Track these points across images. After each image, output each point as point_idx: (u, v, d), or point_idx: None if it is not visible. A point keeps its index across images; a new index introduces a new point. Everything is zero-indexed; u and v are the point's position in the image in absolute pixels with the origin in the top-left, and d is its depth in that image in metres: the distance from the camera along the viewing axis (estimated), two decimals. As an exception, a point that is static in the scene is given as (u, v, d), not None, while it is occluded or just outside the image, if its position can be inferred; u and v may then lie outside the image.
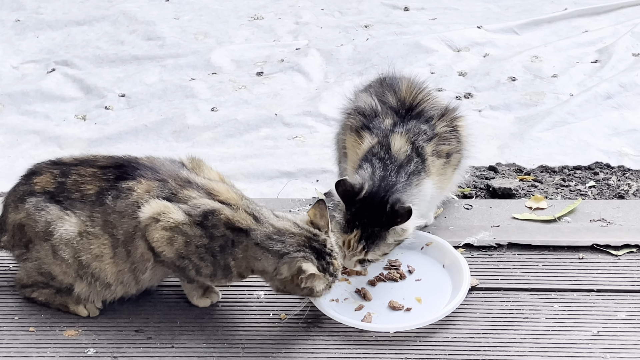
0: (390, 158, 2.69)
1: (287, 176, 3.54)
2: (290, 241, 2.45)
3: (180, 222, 2.45)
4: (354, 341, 2.53)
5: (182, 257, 2.48)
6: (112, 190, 2.50)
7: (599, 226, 2.93)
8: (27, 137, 3.85)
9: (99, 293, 2.57)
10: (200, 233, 2.46)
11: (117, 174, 2.52)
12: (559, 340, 2.52)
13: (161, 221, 2.45)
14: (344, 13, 4.86)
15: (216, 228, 2.46)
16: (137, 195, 2.48)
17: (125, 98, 4.10)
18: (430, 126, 2.79)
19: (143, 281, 2.56)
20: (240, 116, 3.93)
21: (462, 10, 4.84)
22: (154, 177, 2.51)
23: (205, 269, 2.50)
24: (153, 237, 2.46)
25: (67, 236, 2.50)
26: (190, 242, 2.46)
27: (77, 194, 2.52)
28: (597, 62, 4.26)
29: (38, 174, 2.59)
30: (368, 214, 2.60)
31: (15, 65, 4.38)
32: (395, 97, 2.84)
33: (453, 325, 2.57)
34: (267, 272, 2.47)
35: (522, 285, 2.71)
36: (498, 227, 2.93)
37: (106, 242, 2.50)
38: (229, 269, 2.49)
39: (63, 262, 2.52)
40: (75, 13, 4.84)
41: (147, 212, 2.46)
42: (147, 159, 2.58)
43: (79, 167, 2.56)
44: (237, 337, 2.55)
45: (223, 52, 4.44)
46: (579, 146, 3.65)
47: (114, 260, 2.51)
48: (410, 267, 2.76)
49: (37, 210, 2.53)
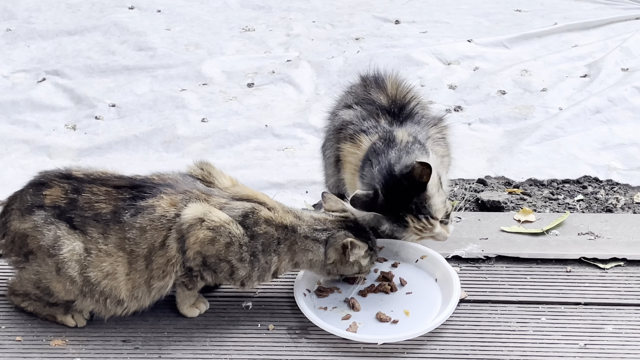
0: (389, 145, 2.70)
1: (276, 187, 3.55)
2: (331, 226, 2.60)
3: (225, 221, 2.50)
4: (342, 352, 2.53)
5: (220, 259, 2.52)
6: (130, 208, 2.50)
7: (587, 239, 2.94)
8: (16, 146, 3.84)
9: (108, 310, 2.56)
10: (242, 232, 2.52)
11: (133, 194, 2.52)
12: (546, 353, 2.52)
13: (206, 221, 2.48)
14: (335, 25, 4.88)
15: (258, 225, 2.53)
16: (162, 210, 2.50)
17: (115, 108, 4.10)
18: (424, 128, 2.81)
19: (156, 291, 2.54)
20: (231, 127, 3.94)
21: (452, 23, 4.86)
22: (176, 191, 2.54)
23: (242, 270, 2.54)
24: (196, 237, 2.48)
25: (75, 253, 2.49)
26: (232, 242, 2.50)
27: (90, 212, 2.51)
28: (587, 76, 4.28)
29: (47, 186, 2.56)
30: (398, 200, 2.60)
31: (6, 74, 4.38)
32: (384, 94, 2.86)
33: (441, 337, 2.57)
34: (316, 262, 2.60)
35: (510, 297, 2.71)
36: (487, 240, 2.94)
37: (119, 260, 2.50)
38: (269, 267, 2.56)
39: (67, 280, 2.50)
40: (67, 23, 4.85)
41: (190, 214, 2.49)
42: (158, 177, 2.59)
43: (92, 185, 2.55)
44: (225, 347, 2.55)
45: (214, 63, 4.44)
46: (567, 160, 3.66)
47: (129, 277, 2.51)
48: (402, 280, 2.76)
49: (46, 224, 2.51)
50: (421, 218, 2.62)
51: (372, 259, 2.67)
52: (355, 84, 3.01)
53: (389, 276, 2.76)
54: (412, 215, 2.62)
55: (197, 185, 2.59)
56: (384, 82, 2.90)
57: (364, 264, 2.64)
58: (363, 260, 2.63)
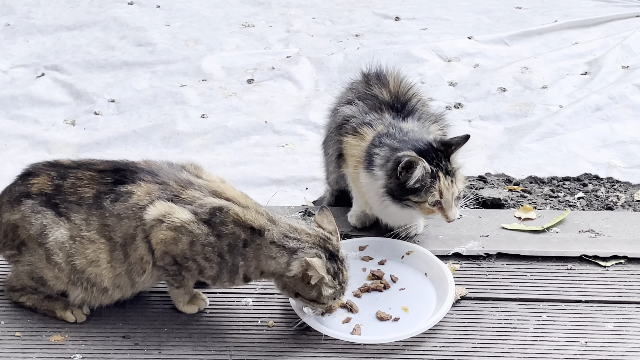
0: (400, 131, 2.74)
1: (276, 184, 3.54)
2: (306, 239, 2.47)
3: (186, 221, 2.45)
4: (342, 349, 2.52)
5: (186, 257, 2.48)
6: (111, 193, 2.50)
7: (587, 237, 2.94)
8: (15, 141, 3.83)
9: (95, 298, 2.56)
10: (207, 231, 2.46)
11: (115, 178, 2.52)
12: (547, 350, 2.52)
13: (166, 222, 2.45)
14: (335, 22, 4.87)
15: (224, 225, 2.46)
16: (137, 198, 2.48)
17: (114, 104, 4.09)
18: (424, 125, 2.82)
19: (139, 284, 2.55)
20: (230, 123, 3.93)
21: (452, 20, 4.85)
22: (154, 180, 2.51)
23: (210, 270, 2.49)
24: (158, 237, 2.45)
25: (61, 240, 2.49)
26: (195, 241, 2.46)
27: (74, 197, 2.51)
28: (587, 74, 4.27)
29: (35, 175, 2.57)
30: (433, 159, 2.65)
31: (5, 69, 4.37)
32: (386, 89, 2.87)
33: (441, 334, 2.57)
34: (277, 272, 2.46)
35: (511, 295, 2.71)
36: (487, 237, 2.93)
37: (102, 247, 2.49)
38: (237, 270, 2.48)
39: (56, 267, 2.51)
40: (66, 18, 4.83)
41: (152, 214, 2.46)
42: (145, 163, 2.58)
43: (77, 170, 2.55)
44: (225, 344, 2.54)
45: (214, 59, 4.43)
46: (568, 157, 3.66)
47: (111, 265, 2.50)
48: (393, 277, 2.75)
49: (33, 213, 2.52)
50: (448, 178, 2.66)
51: (335, 292, 2.47)
52: (356, 80, 3.00)
53: (379, 274, 2.75)
54: (443, 173, 2.65)
55: (179, 174, 2.55)
56: (386, 78, 2.90)
57: (324, 294, 2.45)
58: (325, 290, 2.45)
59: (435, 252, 2.80)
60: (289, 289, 2.49)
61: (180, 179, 2.53)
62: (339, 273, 2.47)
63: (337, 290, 2.48)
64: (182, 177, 2.54)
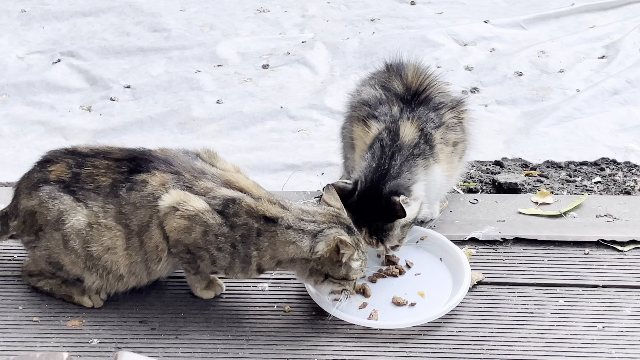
0: (393, 144, 2.68)
1: (292, 169, 3.54)
2: (322, 219, 2.46)
3: (200, 210, 2.45)
4: (358, 334, 2.52)
5: (199, 247, 2.48)
6: (126, 182, 2.51)
7: (605, 222, 2.92)
8: (32, 127, 3.85)
9: (111, 285, 2.57)
10: (220, 221, 2.45)
11: (131, 167, 2.52)
12: (564, 335, 2.51)
13: (180, 210, 2.45)
14: (350, 6, 4.84)
15: (237, 216, 2.45)
16: (152, 188, 2.49)
17: (130, 89, 4.09)
18: (438, 115, 2.79)
19: (155, 272, 2.55)
20: (246, 109, 3.92)
21: (468, 4, 4.82)
22: (168, 170, 2.51)
23: (222, 260, 2.49)
24: (171, 225, 2.46)
25: (79, 227, 2.50)
26: (208, 231, 2.46)
27: (92, 185, 2.52)
28: (604, 57, 4.24)
29: (53, 162, 2.59)
30: (366, 211, 2.59)
31: (21, 55, 4.37)
32: (402, 82, 2.85)
33: (458, 319, 2.56)
34: (299, 256, 2.44)
35: (528, 280, 2.70)
36: (504, 222, 2.92)
37: (119, 234, 2.50)
38: (249, 260, 2.48)
39: (73, 253, 2.52)
40: (81, 4, 4.83)
41: (166, 201, 2.46)
42: (161, 151, 2.58)
43: (94, 159, 2.56)
44: (241, 329, 2.55)
45: (229, 44, 4.43)
46: (585, 142, 3.64)
47: (127, 252, 2.51)
48: (408, 262, 2.75)
49: (51, 199, 2.53)
50: (373, 238, 2.61)
51: (362, 264, 2.50)
52: (379, 70, 2.98)
53: (394, 259, 2.75)
54: (368, 230, 2.61)
55: (194, 163, 2.55)
56: (403, 69, 2.88)
57: (354, 267, 2.47)
58: (354, 263, 2.46)
59: (451, 237, 2.79)
60: (316, 273, 2.47)
61: (194, 168, 2.53)
62: (359, 243, 2.49)
63: (363, 261, 2.50)
64: (196, 166, 2.54)
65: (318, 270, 2.46)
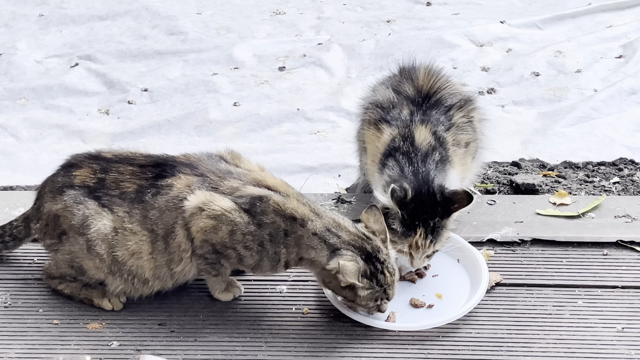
0: (415, 150, 2.68)
1: (309, 171, 3.54)
2: (345, 237, 2.44)
3: (227, 209, 2.46)
4: (377, 337, 2.52)
5: (226, 246, 2.49)
6: (152, 188, 2.52)
7: (623, 222, 2.91)
8: (50, 131, 3.87)
9: (136, 289, 2.58)
10: (247, 220, 2.46)
11: (155, 173, 2.54)
12: (583, 336, 2.50)
13: (206, 210, 2.46)
14: (366, 8, 4.85)
15: (265, 214, 2.46)
16: (177, 190, 2.50)
17: (147, 93, 4.11)
18: (448, 116, 2.79)
19: (177, 274, 2.56)
20: (263, 111, 3.94)
21: (484, 5, 4.82)
22: (193, 173, 2.53)
23: (250, 258, 2.50)
24: (198, 226, 2.47)
25: (104, 231, 2.51)
26: (235, 230, 2.47)
27: (117, 191, 2.54)
28: (622, 57, 4.23)
29: (77, 167, 2.60)
30: (425, 211, 2.57)
31: (39, 59, 4.41)
32: (413, 85, 2.84)
33: (476, 321, 2.56)
34: (317, 261, 2.46)
35: (546, 281, 2.70)
36: (522, 223, 2.92)
37: (144, 239, 2.51)
38: (278, 258, 2.49)
39: (97, 258, 2.54)
40: (98, 8, 4.86)
41: (192, 202, 2.48)
42: (184, 157, 2.59)
43: (119, 165, 2.57)
44: (260, 331, 2.56)
45: (245, 47, 4.44)
46: (603, 142, 3.63)
47: (152, 256, 2.53)
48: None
49: (76, 203, 2.54)
50: (428, 238, 2.58)
51: (373, 294, 2.44)
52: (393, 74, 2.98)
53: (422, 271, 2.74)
54: (424, 230, 2.58)
55: (218, 165, 2.56)
56: (415, 72, 2.87)
57: (362, 295, 2.43)
58: (361, 291, 2.43)
59: (469, 238, 2.79)
60: (324, 282, 2.50)
61: (219, 169, 2.55)
62: (377, 274, 2.43)
63: (374, 292, 2.45)
64: (221, 168, 2.55)
65: (326, 281, 2.49)
